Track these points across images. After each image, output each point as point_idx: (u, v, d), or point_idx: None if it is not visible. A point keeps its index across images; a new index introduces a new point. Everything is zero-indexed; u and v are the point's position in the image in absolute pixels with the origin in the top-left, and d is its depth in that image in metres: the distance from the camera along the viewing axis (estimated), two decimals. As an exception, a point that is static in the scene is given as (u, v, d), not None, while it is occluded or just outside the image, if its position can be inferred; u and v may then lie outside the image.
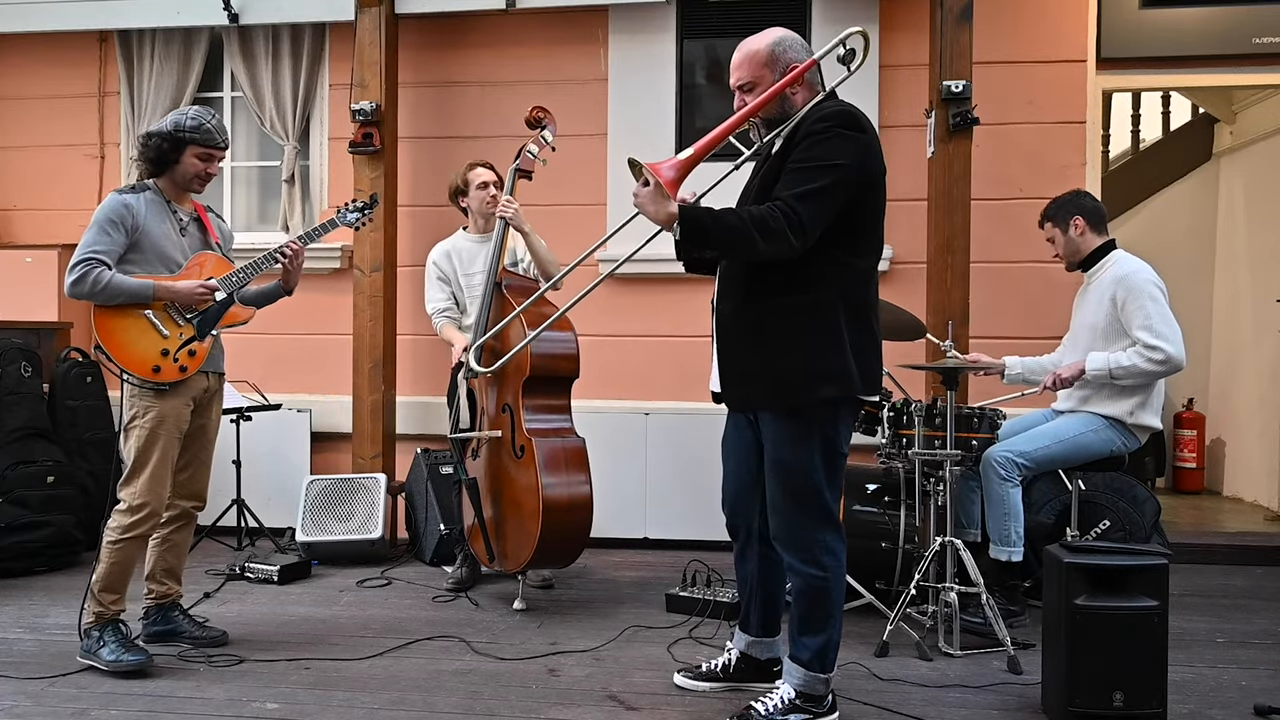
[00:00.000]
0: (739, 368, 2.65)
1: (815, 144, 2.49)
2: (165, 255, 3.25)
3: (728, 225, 2.44)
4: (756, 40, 2.65)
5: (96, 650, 3.15)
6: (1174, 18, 5.01)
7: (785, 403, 2.58)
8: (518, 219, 3.99)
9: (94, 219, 3.17)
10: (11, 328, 4.93)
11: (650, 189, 2.40)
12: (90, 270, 3.09)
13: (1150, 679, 2.67)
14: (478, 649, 3.38)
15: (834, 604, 2.64)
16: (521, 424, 3.75)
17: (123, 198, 3.21)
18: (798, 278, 2.53)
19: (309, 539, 4.65)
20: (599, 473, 3.91)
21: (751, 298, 2.60)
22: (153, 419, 3.18)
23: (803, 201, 2.43)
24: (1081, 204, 3.80)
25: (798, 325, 2.55)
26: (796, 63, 2.60)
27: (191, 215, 3.38)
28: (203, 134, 3.24)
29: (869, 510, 3.90)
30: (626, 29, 5.25)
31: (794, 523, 2.62)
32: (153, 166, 3.28)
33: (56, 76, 5.71)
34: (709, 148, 2.48)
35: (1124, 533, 3.96)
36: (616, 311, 5.11)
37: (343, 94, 5.33)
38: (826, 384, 2.54)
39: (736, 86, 2.66)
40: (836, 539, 2.63)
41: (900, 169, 5.09)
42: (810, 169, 2.46)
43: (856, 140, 2.51)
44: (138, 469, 3.18)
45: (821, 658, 2.65)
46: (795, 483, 2.60)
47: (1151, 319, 3.51)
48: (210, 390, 3.39)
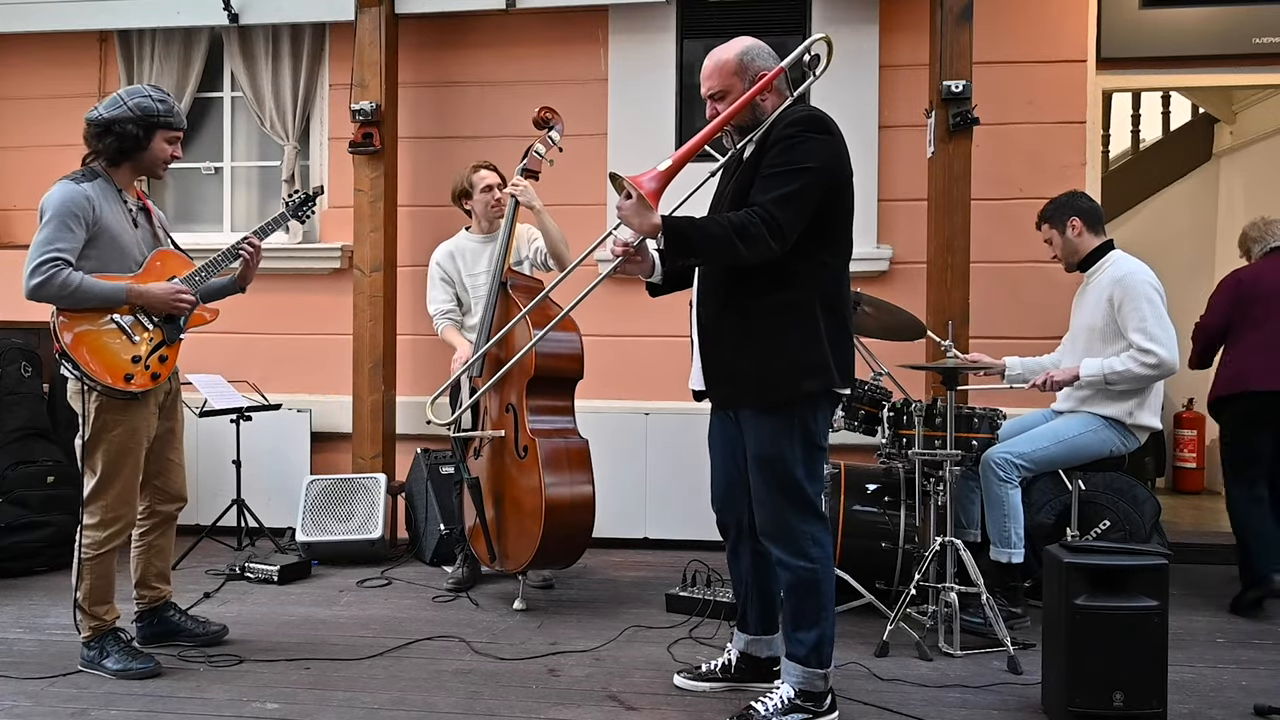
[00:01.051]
0: (724, 367, 2.70)
1: (787, 149, 2.56)
2: (123, 250, 3.05)
3: (709, 234, 2.51)
4: (725, 50, 2.72)
5: (100, 661, 3.11)
6: (1174, 18, 5.01)
7: (771, 398, 2.63)
8: (528, 195, 3.97)
9: (52, 212, 2.93)
10: (11, 328, 4.93)
11: (633, 201, 2.47)
12: (58, 271, 2.88)
13: (1150, 679, 2.67)
14: (478, 649, 3.39)
15: (825, 596, 2.68)
16: (525, 424, 3.75)
17: (80, 188, 2.97)
18: (776, 278, 2.60)
19: (309, 539, 4.65)
20: (599, 473, 3.90)
21: (733, 299, 2.66)
22: (123, 433, 3.03)
23: (780, 206, 2.50)
24: (1078, 205, 3.80)
25: (780, 324, 2.61)
26: (765, 70, 2.67)
27: (138, 205, 3.19)
28: (175, 116, 3.09)
29: (869, 510, 3.90)
30: (626, 29, 5.25)
31: (779, 516, 2.66)
32: (117, 155, 3.05)
33: (56, 76, 5.70)
34: (687, 157, 2.54)
35: (1124, 533, 3.96)
36: (616, 311, 5.11)
37: (343, 94, 5.33)
38: (809, 378, 2.61)
39: (708, 95, 2.73)
40: (822, 530, 2.68)
41: (900, 169, 5.12)
42: (784, 173, 2.54)
43: (826, 143, 2.59)
44: (108, 483, 3.04)
45: (818, 652, 2.67)
46: (778, 476, 2.65)
47: (1146, 321, 3.51)
48: (171, 393, 3.27)
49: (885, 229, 5.11)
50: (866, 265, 5.05)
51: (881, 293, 4.15)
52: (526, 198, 3.97)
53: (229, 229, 5.62)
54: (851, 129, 5.07)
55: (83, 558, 3.08)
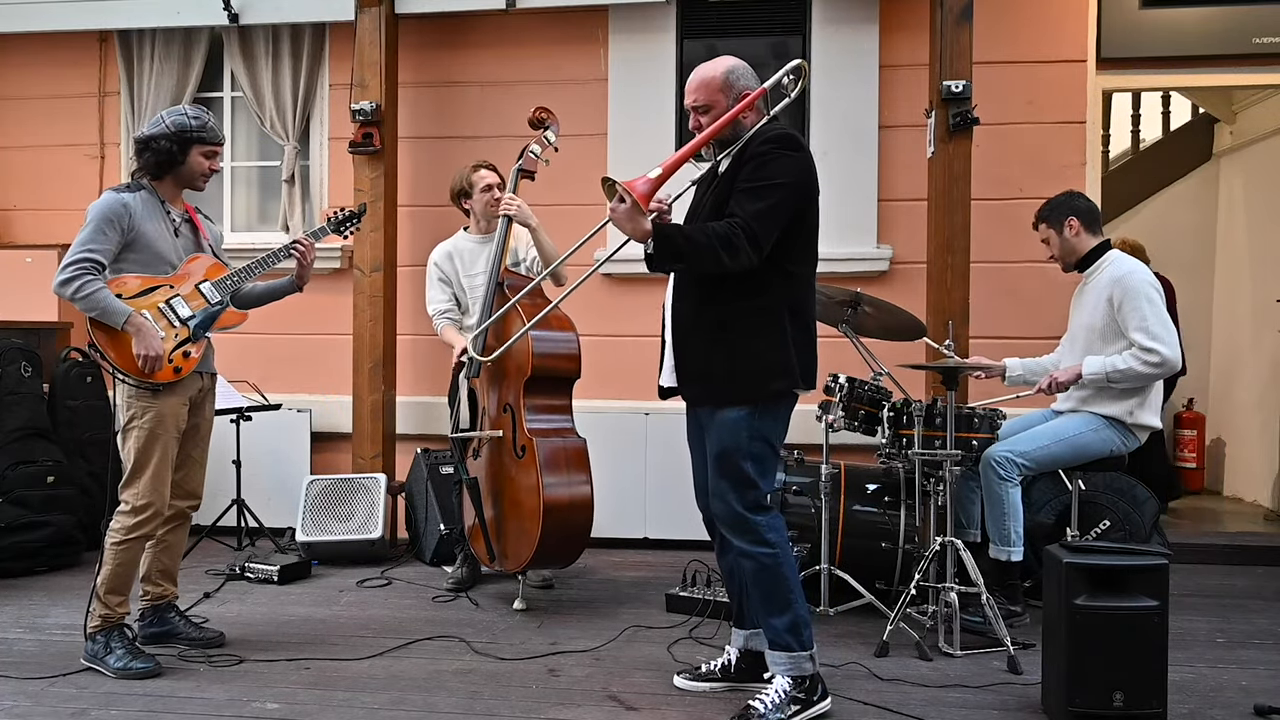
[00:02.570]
0: (698, 365, 2.80)
1: (762, 165, 2.69)
2: (160, 256, 3.23)
3: (697, 242, 2.64)
4: (712, 67, 2.84)
5: (103, 656, 3.13)
6: (1174, 18, 5.01)
7: (741, 397, 2.74)
8: (522, 214, 3.98)
9: (91, 216, 3.14)
10: (11, 328, 4.93)
11: (627, 206, 2.57)
12: (81, 275, 3.06)
13: (1150, 679, 2.67)
14: (478, 649, 3.39)
15: (790, 579, 2.77)
16: (523, 424, 3.75)
17: (120, 196, 3.18)
18: (747, 284, 2.71)
19: (309, 539, 4.65)
20: (599, 473, 3.90)
21: (709, 300, 2.76)
22: (152, 419, 3.17)
23: (758, 219, 2.63)
24: (1075, 205, 3.80)
25: (750, 327, 2.73)
26: (748, 89, 2.79)
27: (183, 216, 3.37)
28: (208, 131, 3.26)
29: (869, 510, 3.90)
30: (626, 29, 5.25)
31: (734, 510, 2.75)
32: (157, 169, 3.25)
33: (56, 76, 5.71)
34: (676, 166, 2.68)
35: (1124, 533, 3.96)
36: (616, 311, 5.11)
37: (343, 94, 5.33)
38: (776, 379, 2.74)
39: (691, 107, 2.85)
40: (774, 518, 2.80)
41: (900, 169, 5.13)
42: (760, 188, 2.67)
43: (798, 160, 2.73)
44: (139, 470, 3.17)
45: (796, 634, 2.74)
46: (732, 470, 2.75)
47: (1147, 320, 3.51)
48: (204, 390, 3.39)
49: (885, 229, 5.11)
50: (866, 265, 5.05)
51: (881, 293, 4.14)
52: (522, 216, 3.98)
53: (229, 229, 5.62)
54: (851, 129, 5.17)
55: (108, 542, 3.17)
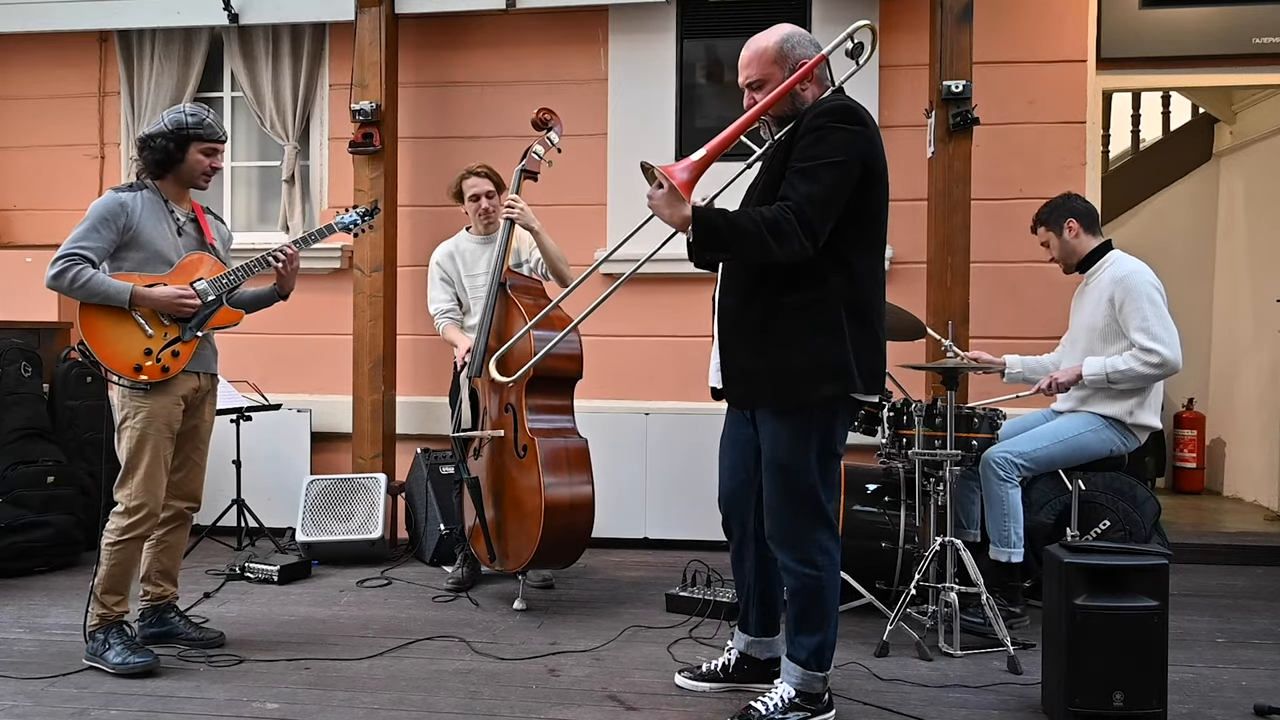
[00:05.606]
0: (741, 365, 2.64)
1: (815, 141, 2.47)
2: (160, 255, 3.21)
3: (742, 229, 2.43)
4: (765, 37, 2.62)
5: (102, 653, 3.14)
6: (1174, 18, 5.01)
7: (786, 400, 2.57)
8: (524, 217, 3.96)
9: (88, 213, 3.14)
10: (11, 328, 4.93)
11: (664, 192, 2.40)
12: (72, 266, 3.06)
13: (1150, 679, 2.67)
14: (478, 649, 3.38)
15: (829, 603, 2.65)
16: (524, 424, 3.75)
17: (119, 196, 3.18)
18: (801, 275, 2.51)
19: (309, 539, 4.65)
20: (599, 473, 3.90)
21: (755, 294, 2.58)
22: (143, 419, 3.16)
23: (811, 203, 2.42)
24: (1074, 206, 3.79)
25: (800, 323, 2.53)
26: (805, 59, 2.57)
27: (189, 215, 3.36)
28: (205, 129, 3.24)
29: (869, 510, 3.90)
30: (626, 29, 5.25)
31: (789, 523, 2.62)
32: (157, 168, 3.25)
33: (56, 76, 5.71)
34: (721, 148, 2.47)
35: (1124, 533, 3.96)
36: (616, 311, 5.08)
37: (343, 94, 5.33)
38: (827, 382, 2.53)
39: (745, 84, 2.64)
40: (831, 539, 2.64)
41: (900, 169, 5.06)
42: (814, 167, 2.44)
43: (856, 134, 2.49)
44: (131, 470, 3.17)
45: (818, 656, 2.66)
46: (791, 482, 2.59)
47: (1148, 321, 3.51)
48: (202, 390, 3.36)
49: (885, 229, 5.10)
50: (866, 265, 5.05)
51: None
52: (524, 220, 3.96)
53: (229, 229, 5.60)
54: (851, 129, 5.14)
55: (104, 543, 3.18)
